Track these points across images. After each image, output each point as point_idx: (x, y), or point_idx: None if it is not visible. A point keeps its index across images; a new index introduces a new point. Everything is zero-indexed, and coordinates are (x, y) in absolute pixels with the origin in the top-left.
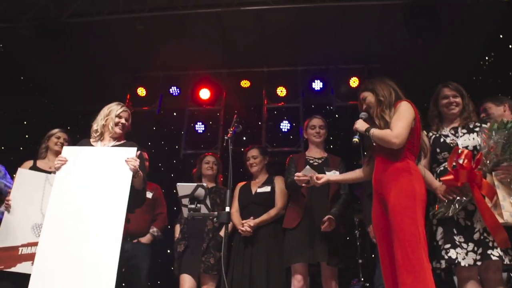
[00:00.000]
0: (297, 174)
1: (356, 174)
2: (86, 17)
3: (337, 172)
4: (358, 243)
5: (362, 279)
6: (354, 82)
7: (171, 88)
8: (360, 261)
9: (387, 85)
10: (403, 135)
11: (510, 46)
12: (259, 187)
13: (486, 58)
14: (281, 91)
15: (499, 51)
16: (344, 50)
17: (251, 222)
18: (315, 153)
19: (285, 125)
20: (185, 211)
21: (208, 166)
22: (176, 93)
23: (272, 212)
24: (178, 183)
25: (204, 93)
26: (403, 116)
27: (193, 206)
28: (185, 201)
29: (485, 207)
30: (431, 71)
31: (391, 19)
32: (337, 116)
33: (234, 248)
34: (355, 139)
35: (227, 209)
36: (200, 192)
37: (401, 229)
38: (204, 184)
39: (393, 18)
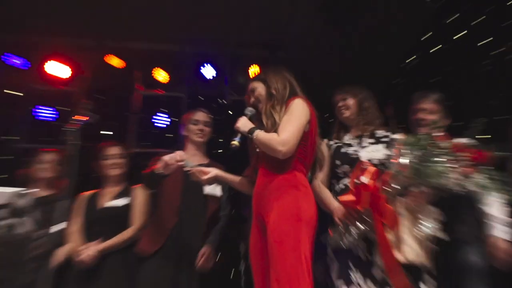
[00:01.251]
0: (164, 157)
1: (242, 181)
2: None
3: (219, 188)
4: (242, 281)
5: None
6: (254, 71)
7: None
8: None
9: (283, 76)
10: (292, 141)
11: (431, 51)
12: (112, 199)
13: (406, 61)
14: (162, 76)
15: (421, 54)
16: (245, 31)
17: (96, 247)
18: (193, 157)
19: (161, 119)
20: None
21: (43, 166)
22: (21, 65)
23: (126, 234)
24: None
25: (55, 68)
26: (294, 117)
27: (9, 222)
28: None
29: (383, 241)
30: (346, 72)
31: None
32: (230, 112)
33: (70, 285)
34: (235, 142)
35: (59, 227)
36: (25, 201)
37: (280, 260)
38: (33, 190)
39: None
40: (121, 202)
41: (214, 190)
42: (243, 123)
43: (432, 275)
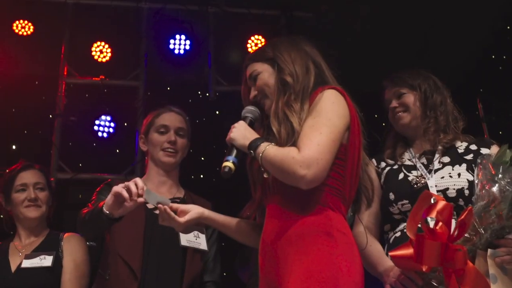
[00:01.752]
0: (114, 189)
1: (240, 226)
2: None
3: (202, 238)
4: None
5: None
6: (256, 44)
7: None
8: None
9: (302, 53)
10: (322, 161)
11: None
12: (30, 256)
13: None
14: (102, 51)
15: None
16: None
17: None
18: (160, 186)
19: (102, 125)
20: None
21: None
22: None
23: None
24: None
25: None
26: (325, 121)
27: None
28: None
29: None
30: (403, 49)
31: None
32: (217, 112)
33: None
34: (228, 164)
35: None
36: None
37: None
38: None
39: None
40: (45, 261)
41: (196, 241)
42: (241, 133)
43: None
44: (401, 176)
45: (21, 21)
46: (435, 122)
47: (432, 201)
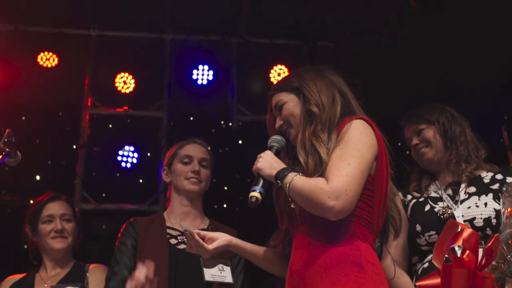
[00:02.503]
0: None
1: (267, 255)
2: None
3: (228, 270)
4: None
5: None
6: (279, 74)
7: None
8: None
9: (328, 82)
10: (350, 191)
11: None
12: (54, 287)
13: None
14: (126, 82)
15: None
16: (263, 9)
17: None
18: (184, 217)
19: (128, 154)
20: None
21: None
22: None
23: None
24: None
25: None
26: (353, 151)
27: None
28: None
29: None
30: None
31: None
32: (240, 142)
33: None
34: (255, 194)
35: None
36: None
37: None
38: None
39: None
40: None
41: (220, 274)
42: (268, 162)
43: None
44: (427, 207)
45: (46, 53)
46: (456, 153)
47: (458, 230)
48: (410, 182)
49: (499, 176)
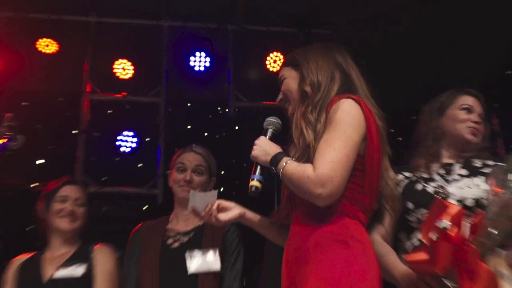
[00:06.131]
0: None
1: (270, 229)
2: None
3: (211, 255)
4: None
5: None
6: (275, 61)
7: None
8: None
9: (331, 60)
10: (336, 178)
11: None
12: (62, 266)
13: None
14: (124, 69)
15: None
16: None
17: None
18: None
19: (127, 139)
20: None
21: None
22: None
23: None
24: None
25: None
26: (339, 134)
27: None
28: None
29: None
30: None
31: None
32: (236, 128)
33: None
34: (254, 183)
35: None
36: None
37: None
38: None
39: None
40: (76, 272)
41: (207, 260)
42: (262, 149)
43: None
44: (418, 186)
45: (45, 39)
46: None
47: (443, 207)
48: (414, 161)
49: (490, 162)
